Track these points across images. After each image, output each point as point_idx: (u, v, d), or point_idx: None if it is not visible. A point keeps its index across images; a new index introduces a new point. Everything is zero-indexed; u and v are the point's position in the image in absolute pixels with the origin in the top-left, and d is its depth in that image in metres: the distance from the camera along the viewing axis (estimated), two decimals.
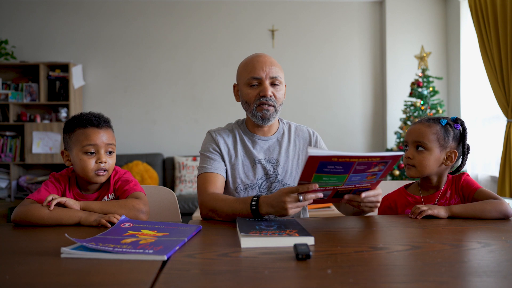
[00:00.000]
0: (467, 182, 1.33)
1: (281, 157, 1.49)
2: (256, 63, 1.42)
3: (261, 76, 1.41)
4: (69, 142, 1.29)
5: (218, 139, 1.49)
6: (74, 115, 1.32)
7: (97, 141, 1.26)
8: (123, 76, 4.61)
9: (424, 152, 1.33)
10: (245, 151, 1.49)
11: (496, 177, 3.65)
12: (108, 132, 1.31)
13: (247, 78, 1.43)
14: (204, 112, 4.65)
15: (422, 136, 1.33)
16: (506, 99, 3.42)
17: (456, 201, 1.34)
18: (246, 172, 1.46)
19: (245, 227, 1.02)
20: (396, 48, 4.58)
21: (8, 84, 4.35)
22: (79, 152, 1.26)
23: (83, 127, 1.27)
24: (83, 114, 1.31)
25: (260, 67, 1.41)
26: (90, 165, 1.26)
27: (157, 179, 4.27)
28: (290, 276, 0.74)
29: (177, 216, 1.59)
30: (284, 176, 1.48)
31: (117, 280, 0.72)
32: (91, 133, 1.26)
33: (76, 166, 1.29)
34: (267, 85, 1.41)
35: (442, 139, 1.33)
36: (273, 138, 1.52)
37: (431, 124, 1.34)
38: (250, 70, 1.42)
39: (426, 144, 1.33)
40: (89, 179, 1.28)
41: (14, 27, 4.50)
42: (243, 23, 4.66)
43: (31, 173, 4.47)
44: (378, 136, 4.73)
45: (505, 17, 3.31)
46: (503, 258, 0.82)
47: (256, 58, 1.44)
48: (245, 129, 1.53)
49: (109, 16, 4.59)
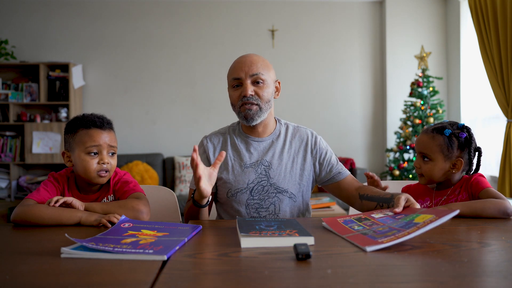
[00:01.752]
0: (477, 182, 1.35)
1: (274, 160, 1.47)
2: (237, 64, 1.44)
3: (241, 76, 1.41)
4: (72, 143, 1.29)
5: (208, 147, 1.50)
6: (76, 116, 1.32)
7: (100, 142, 1.27)
8: (123, 76, 4.61)
9: (429, 162, 1.38)
10: (236, 155, 1.48)
11: (496, 177, 3.65)
12: (111, 133, 1.31)
13: (230, 79, 1.44)
14: (204, 112, 4.65)
15: (426, 148, 1.39)
16: (506, 99, 3.42)
17: (464, 198, 1.36)
18: (236, 176, 1.45)
19: (245, 227, 1.02)
20: (396, 48, 4.58)
21: (8, 84, 4.35)
22: (82, 153, 1.26)
23: (86, 128, 1.27)
24: (86, 115, 1.32)
25: (240, 68, 1.42)
26: (92, 165, 1.26)
27: (157, 179, 4.27)
28: (290, 276, 0.74)
29: (177, 216, 1.59)
30: (277, 180, 1.45)
31: (117, 280, 0.72)
32: (95, 134, 1.27)
33: (78, 166, 1.28)
34: (247, 84, 1.40)
35: (446, 149, 1.36)
36: (268, 139, 1.50)
37: (435, 136, 1.38)
38: (231, 71, 1.44)
39: (430, 156, 1.38)
40: (91, 180, 1.28)
41: (14, 27, 4.50)
42: (243, 23, 4.66)
43: (31, 173, 4.48)
44: (378, 136, 4.73)
45: (505, 17, 3.31)
46: (503, 258, 0.82)
47: (238, 59, 1.45)
48: (240, 131, 1.52)
49: (109, 16, 4.59)
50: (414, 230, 0.89)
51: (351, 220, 1.11)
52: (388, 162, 4.25)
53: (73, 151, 1.29)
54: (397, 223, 1.00)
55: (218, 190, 1.50)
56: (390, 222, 1.03)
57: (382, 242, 0.89)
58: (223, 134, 1.53)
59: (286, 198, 1.46)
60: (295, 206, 1.48)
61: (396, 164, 4.08)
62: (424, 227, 0.89)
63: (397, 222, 1.01)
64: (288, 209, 1.46)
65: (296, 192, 1.48)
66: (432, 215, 0.93)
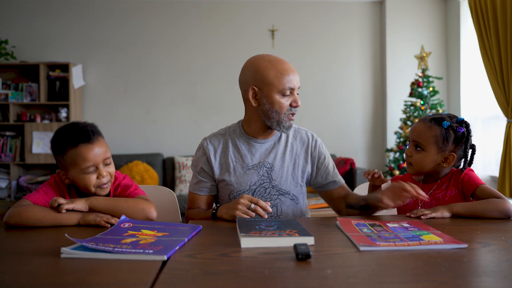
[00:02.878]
0: (469, 178, 1.31)
1: (276, 162, 1.46)
2: (291, 72, 1.38)
3: (295, 86, 1.39)
4: (64, 164, 1.22)
5: (209, 149, 1.47)
6: (59, 131, 1.23)
7: (93, 159, 1.20)
8: (123, 76, 4.61)
9: (421, 152, 1.34)
10: (238, 156, 1.46)
11: (496, 177, 3.65)
12: (101, 143, 1.23)
13: (283, 87, 1.36)
14: (204, 112, 4.65)
15: (420, 137, 1.34)
16: (506, 99, 3.42)
17: (453, 193, 1.33)
18: (238, 178, 1.44)
19: (245, 227, 1.02)
20: (396, 48, 4.58)
21: (8, 84, 4.35)
22: (78, 173, 1.21)
23: (73, 146, 1.18)
24: (69, 128, 1.22)
25: (294, 78, 1.39)
26: (91, 182, 1.22)
27: (157, 179, 4.27)
28: (290, 276, 0.74)
29: (177, 216, 1.59)
30: (279, 182, 1.45)
31: (117, 280, 0.72)
32: (85, 152, 1.18)
33: (77, 183, 1.24)
34: (296, 94, 1.41)
35: (441, 142, 1.32)
36: (270, 141, 1.49)
37: (432, 126, 1.33)
38: (286, 79, 1.37)
39: (424, 145, 1.33)
40: (93, 193, 1.25)
41: (14, 27, 4.50)
42: (243, 23, 4.66)
43: (31, 173, 4.47)
44: (378, 136, 4.73)
45: (505, 17, 3.31)
46: (503, 258, 0.82)
47: (287, 66, 1.39)
48: (241, 132, 1.49)
49: (109, 16, 4.59)
50: (415, 245, 0.90)
51: (364, 224, 1.12)
52: (388, 162, 4.25)
53: (67, 171, 1.23)
54: (406, 233, 1.01)
55: (219, 192, 1.50)
56: (400, 231, 1.03)
57: (379, 245, 0.90)
58: (223, 135, 1.51)
59: (288, 200, 1.46)
60: (297, 207, 1.48)
61: (396, 164, 4.09)
62: (426, 246, 0.90)
63: (406, 232, 1.02)
64: (290, 211, 1.47)
65: (298, 193, 1.49)
66: (440, 239, 0.94)
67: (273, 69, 1.37)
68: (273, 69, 1.37)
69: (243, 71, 1.44)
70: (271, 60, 1.39)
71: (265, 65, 1.38)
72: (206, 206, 1.49)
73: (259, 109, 1.42)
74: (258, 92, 1.39)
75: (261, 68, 1.38)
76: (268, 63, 1.38)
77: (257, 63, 1.39)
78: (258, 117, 1.44)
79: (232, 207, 1.25)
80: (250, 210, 1.23)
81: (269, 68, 1.37)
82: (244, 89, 1.44)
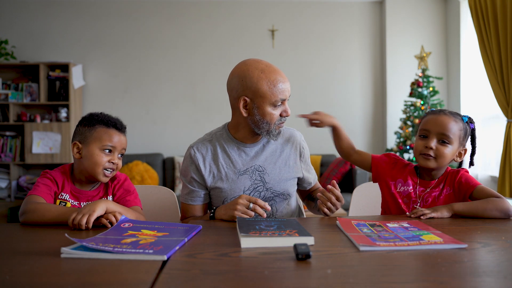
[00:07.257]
0: (466, 179, 1.31)
1: (267, 163, 1.44)
2: (283, 82, 1.35)
3: (287, 96, 1.37)
4: (88, 136, 1.30)
5: (197, 157, 1.42)
6: (93, 112, 1.36)
7: (116, 143, 1.32)
8: (123, 76, 4.61)
9: (447, 146, 1.30)
10: (229, 162, 1.43)
11: (496, 177, 3.65)
12: (125, 137, 1.38)
13: (275, 99, 1.34)
14: (204, 112, 4.65)
15: (449, 130, 1.30)
16: (506, 99, 3.42)
17: (448, 192, 1.33)
18: (231, 184, 1.41)
19: (245, 227, 1.02)
20: (396, 48, 4.58)
21: (8, 84, 4.35)
22: (97, 148, 1.29)
23: (106, 126, 1.32)
24: (104, 114, 1.37)
25: (286, 87, 1.35)
26: (103, 161, 1.29)
27: (157, 179, 4.27)
28: (290, 276, 0.74)
29: (177, 216, 1.59)
30: (273, 184, 1.44)
31: (117, 280, 0.72)
32: (114, 134, 1.32)
33: (87, 159, 1.29)
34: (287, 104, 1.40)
35: (463, 136, 1.33)
36: (259, 143, 1.46)
37: (457, 120, 1.32)
38: (279, 90, 1.34)
39: (451, 139, 1.30)
40: (95, 175, 1.29)
41: (14, 27, 4.50)
42: (243, 23, 4.66)
43: (31, 173, 4.47)
44: (378, 136, 4.73)
45: (505, 17, 3.31)
46: (503, 258, 0.82)
47: (279, 76, 1.35)
48: (229, 137, 1.45)
49: (109, 16, 4.59)
50: (415, 245, 0.91)
51: (364, 224, 1.12)
52: None
53: (86, 144, 1.30)
54: (406, 233, 1.01)
55: (212, 199, 1.47)
56: (400, 231, 1.04)
57: (379, 245, 0.90)
58: (210, 141, 1.46)
59: (282, 200, 1.47)
60: (291, 206, 1.50)
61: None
62: (426, 246, 0.90)
63: (406, 232, 1.02)
64: (285, 211, 1.48)
65: (292, 192, 1.49)
66: (440, 239, 0.94)
67: (266, 80, 1.33)
68: (266, 81, 1.33)
69: (233, 78, 1.39)
70: (263, 70, 1.34)
71: (257, 76, 1.33)
72: (202, 213, 1.47)
73: (248, 118, 1.38)
74: (249, 103, 1.36)
75: (254, 79, 1.33)
76: (261, 73, 1.33)
77: (249, 73, 1.34)
78: (246, 124, 1.41)
79: (231, 208, 1.24)
80: (249, 209, 1.23)
81: (262, 80, 1.33)
82: (233, 97, 1.39)
